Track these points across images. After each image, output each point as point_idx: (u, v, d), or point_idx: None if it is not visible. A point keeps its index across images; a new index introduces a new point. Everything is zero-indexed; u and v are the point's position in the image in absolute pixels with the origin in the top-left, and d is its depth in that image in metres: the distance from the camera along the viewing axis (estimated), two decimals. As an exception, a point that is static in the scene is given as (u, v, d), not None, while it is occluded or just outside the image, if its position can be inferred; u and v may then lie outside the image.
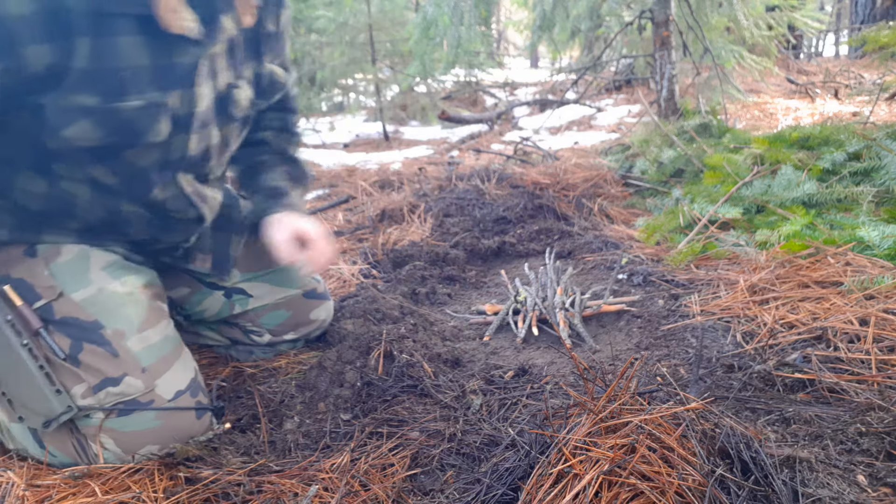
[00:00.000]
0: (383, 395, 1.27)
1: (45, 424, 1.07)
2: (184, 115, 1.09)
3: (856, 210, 1.99)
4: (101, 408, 1.08)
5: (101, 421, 1.09)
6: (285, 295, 1.49)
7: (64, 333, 1.10)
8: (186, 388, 1.16)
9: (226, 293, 1.45)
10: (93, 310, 1.12)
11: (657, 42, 3.94)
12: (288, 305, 1.50)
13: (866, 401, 1.07)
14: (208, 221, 1.32)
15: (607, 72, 7.46)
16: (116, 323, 1.13)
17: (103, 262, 1.18)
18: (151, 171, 1.12)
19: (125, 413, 1.09)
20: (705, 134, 3.29)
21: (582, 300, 1.70)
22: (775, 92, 5.97)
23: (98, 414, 1.09)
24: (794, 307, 1.48)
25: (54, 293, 1.11)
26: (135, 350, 1.12)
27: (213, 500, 0.99)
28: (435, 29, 4.48)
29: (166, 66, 1.01)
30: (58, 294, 1.11)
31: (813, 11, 5.35)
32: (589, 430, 0.89)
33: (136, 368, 1.11)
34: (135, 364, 1.11)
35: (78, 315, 1.11)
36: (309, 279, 1.53)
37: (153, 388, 1.12)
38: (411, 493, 0.98)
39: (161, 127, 1.05)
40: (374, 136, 6.24)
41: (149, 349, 1.14)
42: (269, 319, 1.49)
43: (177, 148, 1.12)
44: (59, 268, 1.13)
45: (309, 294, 1.53)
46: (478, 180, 3.13)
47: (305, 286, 1.52)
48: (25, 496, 1.01)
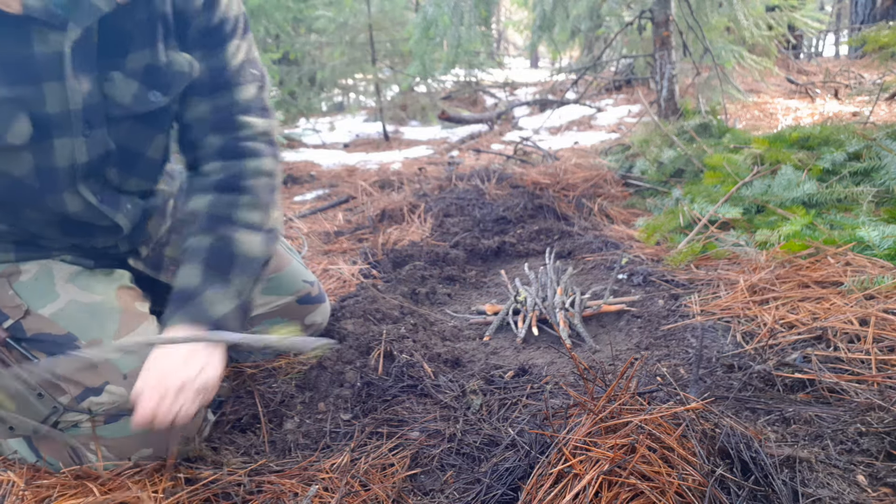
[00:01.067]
0: (383, 395, 1.27)
1: (35, 431, 1.06)
2: (54, 114, 0.96)
3: (856, 210, 1.99)
4: (88, 413, 1.06)
5: (88, 429, 1.07)
6: (278, 303, 1.45)
7: (38, 350, 1.07)
8: None
9: None
10: (64, 322, 1.09)
11: (657, 42, 3.94)
12: (282, 313, 1.47)
13: (866, 401, 1.07)
14: (126, 231, 1.19)
15: (607, 72, 7.46)
16: (91, 333, 1.09)
17: (67, 273, 1.14)
18: (32, 179, 1.02)
19: (112, 420, 1.07)
20: (705, 134, 3.29)
21: (582, 300, 1.70)
22: (775, 92, 5.97)
23: (85, 423, 1.07)
24: (794, 307, 1.48)
25: (20, 311, 1.08)
26: (112, 357, 1.07)
27: (214, 499, 0.99)
28: (435, 29, 4.48)
29: (15, 55, 0.90)
30: (24, 312, 1.08)
31: (813, 11, 5.35)
32: (589, 430, 0.89)
33: (117, 375, 1.07)
34: (115, 371, 1.07)
35: (49, 330, 1.08)
36: (302, 283, 1.48)
37: None
38: (411, 493, 0.98)
39: (18, 127, 0.94)
40: (374, 136, 6.25)
41: (127, 355, 1.08)
42: (264, 328, 1.47)
43: (61, 154, 1.01)
44: (22, 286, 1.11)
45: (303, 299, 1.49)
46: (478, 180, 3.13)
47: (298, 291, 1.48)
48: (25, 496, 1.01)
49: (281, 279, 1.45)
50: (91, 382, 1.06)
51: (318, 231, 2.71)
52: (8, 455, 1.17)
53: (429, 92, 6.89)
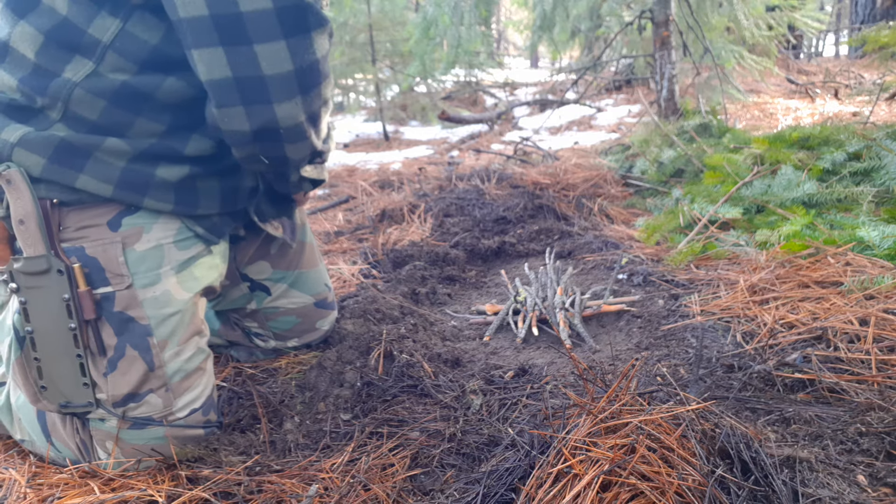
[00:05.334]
0: (383, 395, 1.27)
1: (63, 406, 1.07)
2: None
3: (856, 210, 1.99)
4: (118, 416, 1.08)
5: (112, 429, 1.09)
6: (300, 301, 1.48)
7: (114, 329, 1.06)
8: (201, 406, 1.15)
9: (251, 286, 1.44)
10: (150, 312, 1.08)
11: (657, 42, 3.95)
12: (299, 312, 1.49)
13: (866, 401, 1.07)
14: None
15: (607, 72, 7.46)
16: (164, 332, 1.10)
17: (175, 260, 1.12)
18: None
19: (138, 426, 1.09)
20: (705, 134, 3.30)
21: (582, 300, 1.70)
22: (775, 92, 5.97)
23: (112, 421, 1.09)
24: (794, 307, 1.48)
25: (123, 283, 1.06)
26: (168, 365, 1.10)
27: (214, 499, 0.99)
28: (435, 29, 4.48)
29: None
30: (126, 285, 1.06)
31: (813, 11, 5.35)
32: (589, 430, 0.89)
33: (162, 386, 1.10)
34: (163, 381, 1.10)
35: (135, 314, 1.07)
36: (323, 287, 1.52)
37: (171, 407, 1.11)
38: (411, 493, 0.98)
39: None
40: (374, 136, 6.25)
41: (180, 365, 1.11)
42: (278, 324, 1.49)
43: None
44: (134, 256, 1.07)
45: (320, 303, 1.51)
46: (478, 180, 3.14)
47: (318, 294, 1.50)
48: (27, 493, 1.02)
49: (309, 277, 1.49)
50: (138, 387, 1.08)
51: (318, 231, 2.71)
52: (17, 437, 1.19)
53: (429, 92, 6.89)
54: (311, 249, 1.51)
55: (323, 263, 1.56)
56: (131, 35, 1.00)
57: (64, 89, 1.00)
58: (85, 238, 1.05)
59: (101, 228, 1.06)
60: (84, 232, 1.05)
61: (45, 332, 1.04)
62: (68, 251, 1.04)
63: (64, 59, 1.00)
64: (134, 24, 1.00)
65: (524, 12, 10.72)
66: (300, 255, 1.48)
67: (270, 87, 0.98)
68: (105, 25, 0.99)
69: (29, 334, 1.04)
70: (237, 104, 0.99)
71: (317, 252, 1.53)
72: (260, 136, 1.04)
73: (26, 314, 1.03)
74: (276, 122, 1.02)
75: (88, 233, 1.05)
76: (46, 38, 1.00)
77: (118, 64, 1.01)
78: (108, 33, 0.99)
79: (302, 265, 1.48)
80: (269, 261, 1.44)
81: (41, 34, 1.00)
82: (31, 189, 1.01)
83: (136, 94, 1.03)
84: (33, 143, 1.00)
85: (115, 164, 1.05)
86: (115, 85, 1.02)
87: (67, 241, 1.04)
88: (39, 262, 1.01)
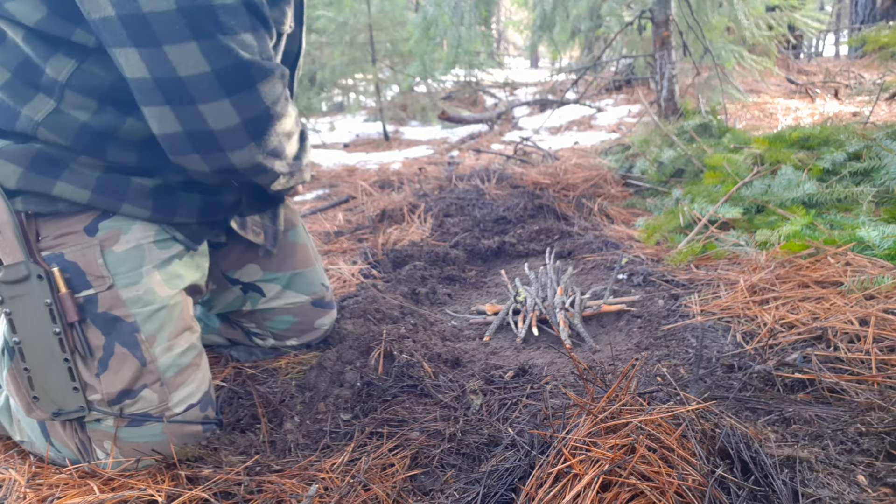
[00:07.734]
0: (383, 395, 1.27)
1: (56, 414, 1.07)
2: None
3: (856, 210, 1.99)
4: (114, 414, 1.08)
5: (110, 428, 1.09)
6: (295, 301, 1.49)
7: (100, 329, 1.07)
8: (198, 402, 1.16)
9: (243, 288, 1.45)
10: (134, 310, 1.09)
11: (657, 42, 3.95)
12: (295, 311, 1.49)
13: (866, 401, 1.07)
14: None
15: (607, 72, 7.46)
16: (152, 328, 1.10)
17: (157, 258, 1.13)
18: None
19: (135, 424, 1.09)
20: (705, 134, 3.30)
21: (582, 300, 1.70)
22: (775, 92, 5.97)
23: (109, 420, 1.09)
24: (794, 307, 1.48)
25: (104, 284, 1.07)
26: (160, 360, 1.11)
27: (214, 499, 0.99)
28: (435, 29, 4.49)
29: None
30: (108, 286, 1.07)
31: (813, 11, 5.35)
32: (589, 430, 0.89)
33: (156, 381, 1.10)
34: (156, 376, 1.10)
35: (120, 313, 1.08)
36: (319, 286, 1.52)
37: (167, 402, 1.11)
38: (411, 493, 0.98)
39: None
40: (374, 136, 6.25)
41: (172, 360, 1.12)
42: (275, 323, 1.49)
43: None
44: (113, 258, 1.08)
45: (317, 302, 1.52)
46: (478, 180, 3.14)
47: (315, 294, 1.51)
48: (27, 493, 1.02)
49: (304, 277, 1.49)
50: (132, 384, 1.09)
51: (319, 231, 2.72)
52: (16, 438, 1.19)
53: (429, 92, 6.89)
54: (305, 250, 1.51)
55: (320, 263, 1.56)
56: (88, 72, 1.02)
57: (28, 127, 1.03)
58: (63, 245, 1.07)
59: (78, 235, 1.08)
60: (62, 239, 1.07)
61: (31, 340, 1.05)
62: (48, 259, 1.05)
63: (27, 96, 1.03)
64: (91, 64, 1.02)
65: (524, 12, 10.72)
66: (292, 255, 1.48)
67: (220, 140, 1.02)
68: (60, 65, 1.01)
69: (17, 345, 1.05)
70: (192, 153, 1.04)
71: (312, 252, 1.53)
72: (221, 174, 1.10)
73: (12, 325, 1.04)
74: (234, 166, 1.07)
75: (66, 240, 1.07)
76: (14, 74, 1.02)
77: (77, 101, 1.03)
78: (63, 72, 1.01)
79: (296, 265, 1.48)
80: (257, 263, 1.44)
81: (8, 71, 1.02)
82: (5, 198, 1.02)
83: (99, 134, 1.06)
84: (11, 153, 1.03)
85: (91, 174, 1.07)
86: (76, 125, 1.04)
87: (46, 249, 1.06)
88: (19, 269, 1.02)
